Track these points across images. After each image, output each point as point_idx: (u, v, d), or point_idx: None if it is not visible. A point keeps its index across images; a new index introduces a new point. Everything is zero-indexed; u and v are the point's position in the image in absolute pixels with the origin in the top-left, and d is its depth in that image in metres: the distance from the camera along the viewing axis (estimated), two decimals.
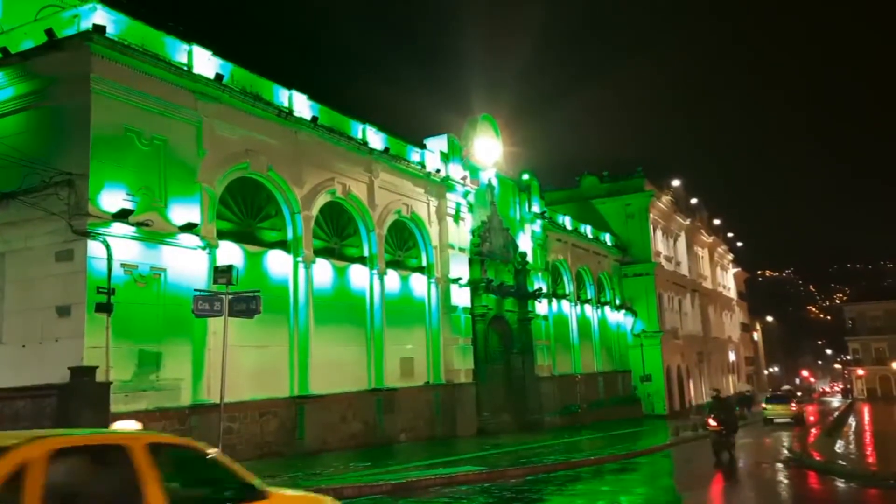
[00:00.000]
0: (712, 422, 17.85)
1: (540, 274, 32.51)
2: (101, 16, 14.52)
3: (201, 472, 5.06)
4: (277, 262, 18.56)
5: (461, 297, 25.67)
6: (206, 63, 16.68)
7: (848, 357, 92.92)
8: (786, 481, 15.05)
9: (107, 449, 4.51)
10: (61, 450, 4.02)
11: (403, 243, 24.26)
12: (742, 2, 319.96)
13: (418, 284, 24.36)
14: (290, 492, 5.98)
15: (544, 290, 32.27)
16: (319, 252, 19.91)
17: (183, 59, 16.27)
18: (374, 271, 21.86)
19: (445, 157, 25.79)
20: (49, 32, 14.20)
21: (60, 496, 3.84)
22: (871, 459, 17.53)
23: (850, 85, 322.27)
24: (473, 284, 26.35)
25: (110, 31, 14.43)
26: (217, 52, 17.06)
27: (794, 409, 35.33)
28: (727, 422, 17.88)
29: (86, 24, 14.34)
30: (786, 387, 70.73)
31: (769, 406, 36.03)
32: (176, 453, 4.99)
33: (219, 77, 16.77)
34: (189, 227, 15.60)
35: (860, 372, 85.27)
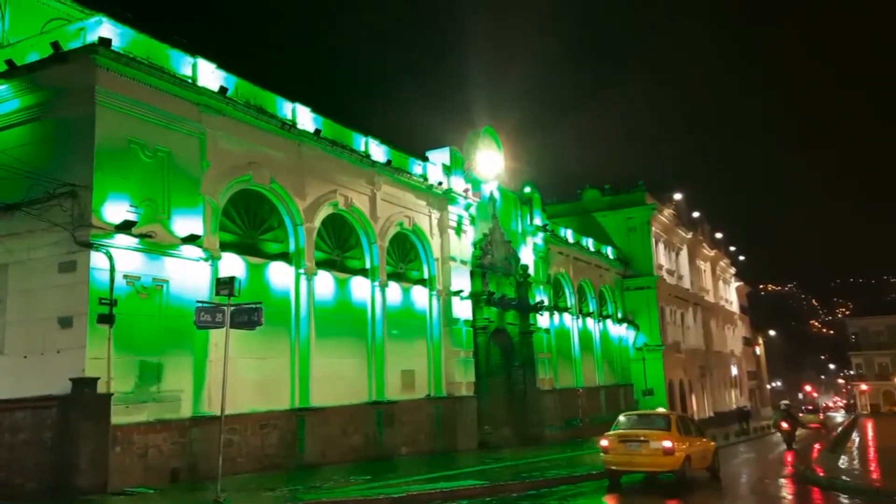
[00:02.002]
0: (784, 424, 28.20)
1: (542, 287, 32.47)
2: (106, 29, 14.62)
3: (692, 424, 17.31)
4: (279, 274, 18.57)
5: (463, 309, 25.64)
6: (210, 76, 16.78)
7: (851, 372, 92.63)
8: (789, 497, 14.95)
9: (662, 415, 16.53)
10: (678, 416, 16.53)
11: (405, 255, 24.27)
12: (745, 16, 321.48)
13: (420, 297, 24.35)
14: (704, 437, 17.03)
15: (546, 302, 32.23)
16: (321, 264, 19.92)
17: (187, 71, 16.36)
18: (376, 283, 21.85)
19: (447, 170, 25.85)
20: (55, 45, 14.29)
21: (681, 426, 15.52)
22: (875, 475, 17.39)
23: (854, 100, 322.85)
24: (475, 297, 26.32)
25: (116, 44, 14.51)
26: (221, 64, 17.15)
27: (821, 417, 51.63)
28: (793, 424, 28.26)
29: (91, 37, 14.43)
30: (784, 401, 75.04)
31: (804, 416, 47.10)
32: (685, 417, 17.95)
33: (223, 90, 16.85)
34: (192, 239, 15.63)
35: (863, 387, 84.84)
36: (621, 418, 16.47)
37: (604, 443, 15.29)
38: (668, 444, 14.45)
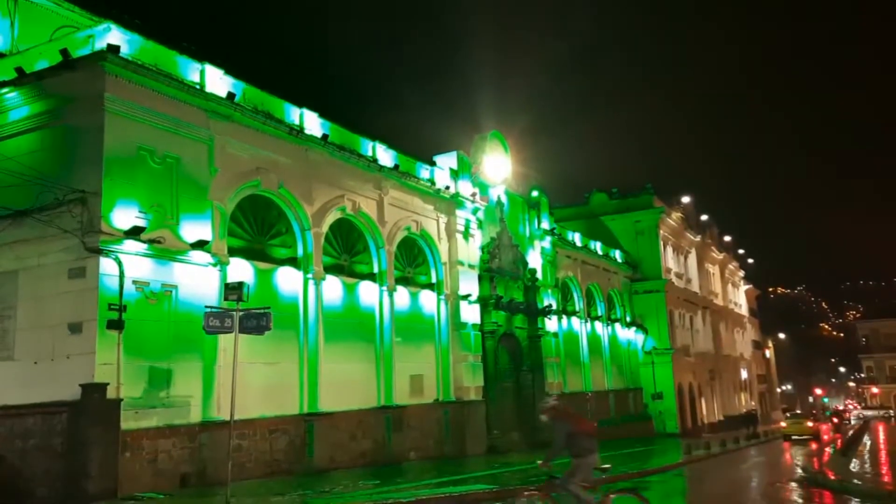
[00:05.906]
0: (835, 419, 46.12)
1: (550, 291, 32.41)
2: (115, 36, 14.70)
3: (813, 416, 48.34)
4: (287, 279, 18.60)
5: (471, 313, 25.61)
6: (218, 82, 16.85)
7: (862, 375, 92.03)
8: (800, 501, 14.85)
9: (806, 413, 51.14)
10: (811, 413, 55.20)
11: (413, 260, 24.27)
12: (749, 25, 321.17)
13: (428, 301, 24.33)
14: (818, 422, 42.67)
15: (554, 306, 32.17)
16: (329, 269, 19.94)
17: (195, 77, 16.44)
18: (384, 288, 21.86)
19: (455, 174, 25.85)
20: (64, 52, 14.38)
21: (811, 416, 45.07)
22: (886, 479, 17.29)
23: (865, 104, 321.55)
24: (483, 301, 26.30)
25: (124, 50, 14.59)
26: (229, 70, 17.22)
27: (847, 415, 65.84)
28: (840, 419, 46.32)
29: (100, 45, 14.50)
30: (783, 407, 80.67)
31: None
32: (813, 412, 56.62)
33: (231, 95, 16.92)
34: (200, 245, 15.68)
35: (874, 390, 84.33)
36: (788, 415, 46.07)
37: (783, 424, 40.11)
38: (811, 423, 38.04)
